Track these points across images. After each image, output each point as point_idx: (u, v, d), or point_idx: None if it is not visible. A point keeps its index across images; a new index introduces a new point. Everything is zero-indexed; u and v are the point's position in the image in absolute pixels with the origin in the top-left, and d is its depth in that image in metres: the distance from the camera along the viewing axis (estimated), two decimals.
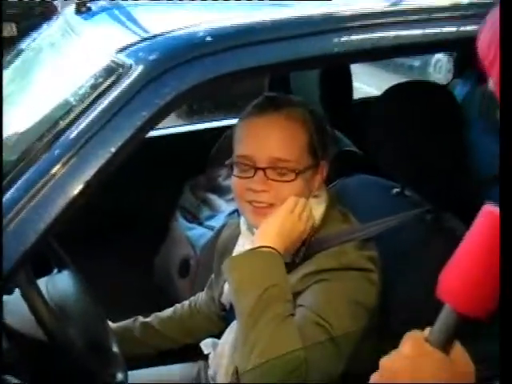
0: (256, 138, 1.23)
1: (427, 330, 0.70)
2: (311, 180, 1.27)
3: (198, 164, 2.34)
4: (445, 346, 0.68)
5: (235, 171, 1.26)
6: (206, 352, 1.43)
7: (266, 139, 1.22)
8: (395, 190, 1.53)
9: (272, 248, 1.18)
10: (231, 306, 1.37)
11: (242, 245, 1.33)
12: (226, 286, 1.36)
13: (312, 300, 1.14)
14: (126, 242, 2.28)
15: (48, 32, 1.53)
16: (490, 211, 0.66)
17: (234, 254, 1.35)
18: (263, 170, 1.21)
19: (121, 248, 2.26)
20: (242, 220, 1.35)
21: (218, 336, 1.42)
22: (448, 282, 0.67)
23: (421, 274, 1.28)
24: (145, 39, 1.09)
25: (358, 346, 1.17)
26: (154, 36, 1.08)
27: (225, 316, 1.44)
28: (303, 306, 1.15)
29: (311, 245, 1.25)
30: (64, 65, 1.31)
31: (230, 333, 1.30)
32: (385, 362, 0.70)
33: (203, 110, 3.56)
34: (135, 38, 1.12)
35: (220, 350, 1.34)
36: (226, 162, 1.32)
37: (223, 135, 2.30)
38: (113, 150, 0.94)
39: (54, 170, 0.94)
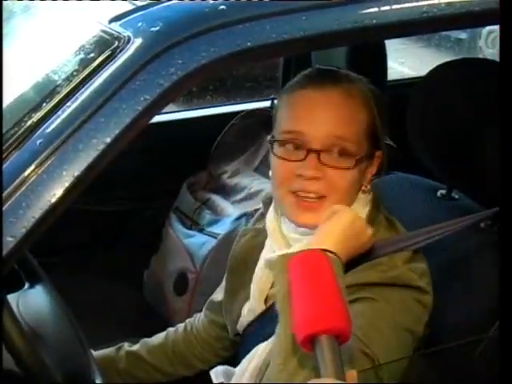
0: (311, 114, 1.23)
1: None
2: (364, 172, 1.27)
3: (199, 158, 2.35)
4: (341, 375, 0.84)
5: (279, 151, 1.25)
6: (216, 382, 1.43)
7: (324, 116, 1.22)
8: (440, 192, 1.54)
9: (335, 254, 1.14)
10: (246, 330, 1.38)
11: (271, 248, 1.32)
12: (246, 308, 1.37)
13: (357, 324, 1.14)
14: (111, 253, 2.31)
15: None
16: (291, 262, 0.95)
17: (260, 264, 1.34)
18: (317, 152, 1.21)
19: (104, 260, 2.28)
20: (270, 217, 1.34)
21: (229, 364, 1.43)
22: (306, 326, 0.87)
23: (474, 295, 1.29)
24: (145, 6, 1.09)
25: (400, 379, 1.18)
26: (157, 3, 1.09)
27: (236, 341, 1.45)
28: None
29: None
30: (43, 34, 1.31)
31: (252, 360, 1.30)
32: None
33: (205, 93, 3.57)
34: (133, 4, 1.13)
35: (237, 381, 1.35)
36: (268, 138, 1.29)
37: (229, 124, 2.32)
38: (108, 140, 0.94)
39: (35, 163, 0.94)
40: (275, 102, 1.37)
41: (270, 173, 1.31)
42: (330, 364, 0.82)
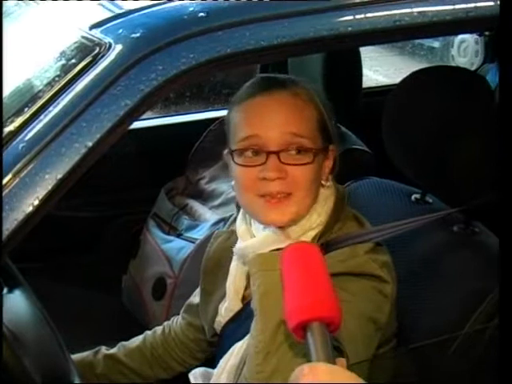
0: (264, 118, 1.27)
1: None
2: (322, 166, 1.31)
3: (177, 164, 2.35)
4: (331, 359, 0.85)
5: (239, 160, 1.29)
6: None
7: (277, 118, 1.26)
8: (414, 196, 1.57)
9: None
10: (223, 330, 1.39)
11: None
12: (223, 308, 1.38)
13: None
14: (89, 259, 2.31)
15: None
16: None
17: (233, 265, 1.37)
18: (276, 153, 1.25)
19: (83, 265, 2.28)
20: (239, 222, 1.37)
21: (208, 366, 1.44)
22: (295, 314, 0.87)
23: (447, 294, 1.33)
24: (126, 13, 1.11)
25: (368, 372, 1.20)
26: (137, 10, 1.11)
27: (213, 343, 1.46)
28: None
29: (322, 247, 1.26)
30: (24, 40, 1.32)
31: (229, 359, 1.32)
32: None
33: (183, 100, 3.60)
34: (113, 10, 1.15)
35: (215, 381, 1.36)
36: (225, 152, 1.34)
37: (207, 130, 2.33)
38: (90, 144, 0.96)
39: (18, 167, 0.96)
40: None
41: (233, 183, 1.34)
42: (321, 350, 0.83)
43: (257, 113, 1.28)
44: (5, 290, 1.43)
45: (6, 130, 1.01)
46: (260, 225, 1.32)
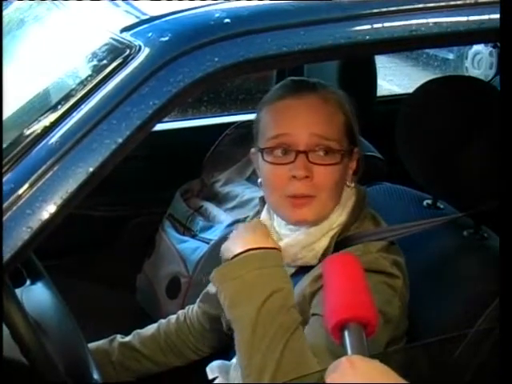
0: (294, 119, 1.32)
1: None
2: (347, 167, 1.37)
3: (192, 167, 2.41)
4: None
5: (269, 158, 1.33)
6: (210, 377, 1.47)
7: (305, 119, 1.31)
8: (426, 202, 1.62)
9: (263, 248, 1.26)
10: None
11: None
12: None
13: None
14: (104, 258, 2.35)
15: (27, 2, 1.59)
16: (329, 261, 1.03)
17: None
18: (305, 153, 1.29)
19: (97, 264, 2.32)
20: (264, 216, 1.41)
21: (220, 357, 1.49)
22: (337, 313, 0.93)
23: (456, 295, 1.37)
24: (155, 17, 1.16)
25: None
26: (165, 15, 1.16)
27: (229, 334, 1.50)
28: (318, 316, 1.21)
29: (338, 244, 1.32)
30: (55, 42, 1.38)
31: None
32: None
33: (200, 104, 3.64)
34: (141, 15, 1.19)
35: (233, 375, 1.40)
36: (252, 151, 1.38)
37: (223, 134, 2.38)
38: (119, 140, 1.01)
39: (52, 160, 1.01)
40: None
41: (260, 181, 1.39)
42: (357, 347, 0.88)
43: (287, 113, 1.33)
44: (28, 282, 1.49)
45: (41, 125, 1.06)
46: (282, 221, 1.37)
